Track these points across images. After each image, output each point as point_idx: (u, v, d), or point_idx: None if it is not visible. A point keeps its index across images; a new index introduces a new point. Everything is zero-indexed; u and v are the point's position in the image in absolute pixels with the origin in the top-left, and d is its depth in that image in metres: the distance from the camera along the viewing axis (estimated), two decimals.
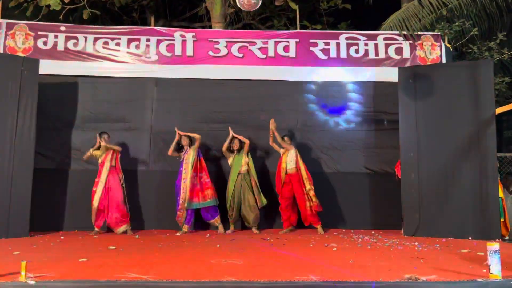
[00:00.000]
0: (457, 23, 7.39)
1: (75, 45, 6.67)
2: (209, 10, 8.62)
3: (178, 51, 6.80)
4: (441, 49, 6.92)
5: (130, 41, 6.76)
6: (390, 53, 6.92)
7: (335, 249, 4.75)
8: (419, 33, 7.01)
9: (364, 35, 7.00)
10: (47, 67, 6.31)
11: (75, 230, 6.09)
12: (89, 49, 6.68)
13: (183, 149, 6.24)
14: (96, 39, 6.72)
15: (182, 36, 6.87)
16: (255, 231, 6.09)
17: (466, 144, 5.78)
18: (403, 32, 6.99)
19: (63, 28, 6.74)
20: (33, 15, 7.84)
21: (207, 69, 6.78)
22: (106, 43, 6.73)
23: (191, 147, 6.18)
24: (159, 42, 6.79)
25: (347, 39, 6.97)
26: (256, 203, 6.12)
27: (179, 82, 6.73)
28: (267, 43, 6.90)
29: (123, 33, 6.83)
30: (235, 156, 6.30)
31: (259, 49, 6.88)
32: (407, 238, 5.58)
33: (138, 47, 6.76)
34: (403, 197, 5.91)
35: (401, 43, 6.95)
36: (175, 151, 6.22)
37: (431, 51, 6.93)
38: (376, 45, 6.94)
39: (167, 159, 6.52)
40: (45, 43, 6.62)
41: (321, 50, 6.91)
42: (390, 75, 6.59)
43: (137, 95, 6.68)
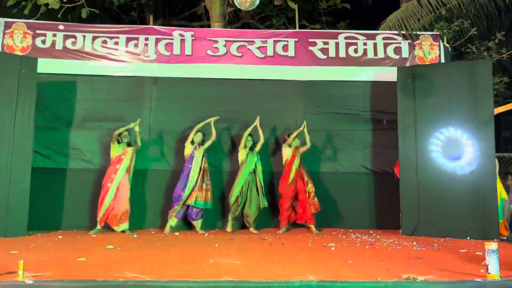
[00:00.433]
0: (456, 23, 7.39)
1: (74, 43, 6.65)
2: (208, 9, 8.61)
3: (177, 50, 6.79)
4: (440, 49, 6.92)
5: (128, 40, 6.74)
6: (389, 53, 6.92)
7: (333, 248, 4.76)
8: (418, 32, 7.01)
9: (363, 35, 7.00)
10: (45, 66, 6.28)
11: (73, 229, 6.07)
12: (88, 48, 6.66)
13: (193, 144, 6.15)
14: (94, 38, 6.70)
15: (181, 35, 6.85)
16: (254, 230, 6.09)
17: (464, 143, 5.78)
18: (402, 32, 6.99)
19: (61, 26, 6.71)
20: (31, 14, 7.81)
21: (205, 68, 6.77)
22: (104, 42, 6.71)
23: (202, 146, 6.15)
24: (157, 41, 6.78)
25: (346, 38, 6.97)
26: (259, 204, 6.13)
27: (177, 81, 6.71)
28: (266, 42, 6.89)
29: (122, 32, 6.81)
30: (248, 153, 6.24)
31: (258, 48, 6.87)
32: (405, 237, 5.60)
33: (136, 46, 6.74)
34: (402, 197, 5.93)
35: (400, 43, 6.95)
36: (190, 143, 6.13)
37: (430, 51, 6.93)
38: (375, 45, 6.93)
39: (166, 158, 6.52)
40: (44, 42, 6.60)
41: (320, 49, 6.91)
42: (389, 74, 6.60)
43: (136, 94, 6.65)
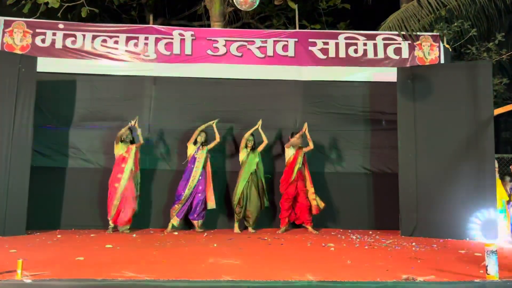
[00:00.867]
0: (456, 24, 7.39)
1: (73, 42, 6.64)
2: (208, 8, 8.61)
3: (176, 50, 6.78)
4: (440, 50, 6.92)
5: (128, 39, 6.74)
6: (389, 53, 6.92)
7: (332, 249, 4.76)
8: (418, 33, 7.01)
9: (363, 35, 6.99)
10: (45, 65, 6.27)
11: (72, 228, 6.06)
12: (88, 47, 6.65)
13: (196, 144, 6.12)
14: (94, 37, 6.69)
15: (180, 34, 6.85)
16: (252, 230, 6.08)
17: (464, 144, 5.80)
18: (402, 32, 6.99)
19: (61, 25, 6.71)
20: (31, 13, 7.80)
21: (205, 68, 6.76)
22: (104, 41, 6.70)
23: (205, 146, 6.13)
24: (157, 40, 6.77)
25: (346, 39, 6.97)
26: (260, 204, 6.12)
27: (177, 80, 6.70)
28: (266, 42, 6.89)
29: (122, 31, 6.80)
30: (249, 154, 6.19)
31: (258, 48, 6.87)
32: (404, 238, 5.59)
33: (136, 45, 6.74)
34: (401, 198, 5.92)
35: (400, 44, 6.95)
36: (193, 143, 6.09)
37: (430, 51, 6.93)
38: (375, 45, 6.93)
39: (165, 158, 6.51)
40: (43, 41, 6.59)
41: (320, 49, 6.91)
42: (388, 75, 6.59)
43: (135, 93, 6.64)
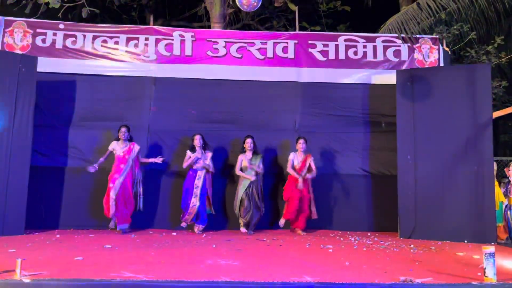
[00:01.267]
0: (455, 27, 7.42)
1: (74, 43, 6.65)
2: (208, 10, 8.64)
3: (177, 51, 6.80)
4: (439, 52, 6.94)
5: (129, 40, 6.75)
6: (388, 56, 6.94)
7: (331, 250, 4.76)
8: (418, 36, 7.02)
9: (362, 37, 7.01)
10: (45, 65, 6.28)
11: (71, 228, 6.06)
12: (88, 48, 6.66)
13: (194, 150, 6.03)
14: (94, 38, 6.70)
15: (181, 35, 6.86)
16: (251, 232, 6.04)
17: (463, 147, 5.80)
18: (402, 35, 7.00)
19: (61, 26, 6.71)
20: (31, 13, 7.81)
21: (205, 69, 6.77)
22: (104, 42, 6.72)
23: (209, 154, 6.04)
24: (158, 41, 6.78)
25: (346, 41, 6.98)
26: (261, 209, 6.11)
27: (177, 81, 6.71)
28: (266, 44, 6.90)
29: (122, 32, 6.81)
30: (250, 159, 6.15)
31: (258, 49, 6.88)
32: (403, 240, 5.60)
33: (136, 46, 6.75)
34: (400, 200, 5.93)
35: (400, 46, 6.96)
36: (189, 150, 6.04)
37: (429, 54, 6.94)
38: (374, 48, 6.95)
39: (164, 159, 6.50)
40: (44, 41, 6.60)
41: (319, 51, 6.92)
42: (388, 77, 6.63)
43: (135, 94, 6.65)
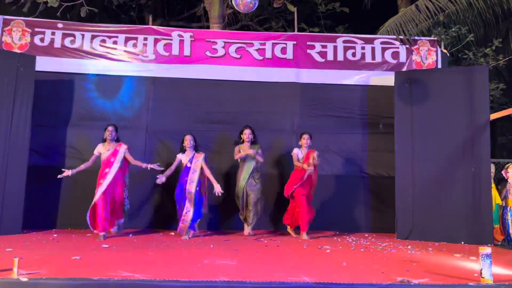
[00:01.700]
0: (453, 29, 7.45)
1: (72, 42, 6.64)
2: (207, 10, 8.64)
3: (175, 51, 6.80)
4: (437, 54, 6.96)
5: (127, 40, 6.74)
6: (386, 57, 6.96)
7: (328, 251, 4.77)
8: (416, 38, 7.05)
9: (361, 39, 7.03)
10: (44, 64, 6.28)
11: (68, 228, 6.06)
12: (86, 47, 6.66)
13: (184, 151, 5.74)
14: (93, 37, 6.69)
15: (179, 35, 6.86)
16: (250, 231, 5.95)
17: (460, 149, 5.83)
18: (400, 36, 7.02)
19: (60, 25, 6.71)
20: (30, 12, 7.80)
21: (204, 69, 6.77)
22: (103, 41, 6.71)
23: (200, 155, 5.72)
24: (156, 41, 6.78)
25: (344, 42, 7.00)
26: (263, 202, 5.98)
27: (176, 81, 6.71)
28: (264, 44, 6.90)
29: (121, 32, 6.81)
30: (249, 148, 5.87)
31: (257, 50, 6.89)
32: (400, 241, 5.61)
33: (135, 45, 6.74)
34: (397, 201, 5.94)
35: (398, 48, 6.98)
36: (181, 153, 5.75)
37: (427, 56, 6.97)
38: (373, 49, 6.97)
39: (162, 159, 6.50)
40: (42, 40, 6.59)
41: (318, 52, 6.94)
42: (386, 79, 6.64)
43: (134, 94, 6.65)
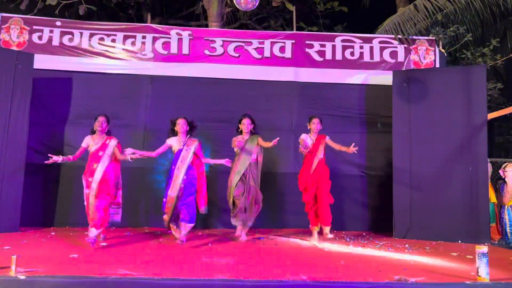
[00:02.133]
0: (451, 29, 7.46)
1: (71, 40, 6.63)
2: (206, 9, 8.64)
3: (174, 49, 6.79)
4: (435, 54, 6.98)
5: (126, 38, 6.74)
6: (385, 57, 6.97)
7: (326, 249, 4.78)
8: (414, 37, 7.06)
9: (359, 38, 7.04)
10: (42, 62, 6.27)
11: (66, 226, 6.05)
12: (85, 45, 6.65)
13: (175, 134, 5.20)
14: (91, 35, 6.69)
15: (178, 34, 6.86)
16: (244, 236, 5.25)
17: (457, 148, 5.84)
18: (398, 36, 7.03)
19: (58, 23, 6.69)
20: (28, 10, 7.79)
21: (202, 68, 6.77)
22: (101, 39, 6.70)
23: (193, 141, 5.14)
24: (155, 39, 6.77)
25: (343, 41, 7.01)
26: (260, 200, 5.34)
27: (174, 80, 6.71)
28: (263, 43, 6.91)
29: (119, 30, 6.80)
30: (246, 141, 5.28)
31: (255, 49, 6.89)
32: (397, 240, 5.63)
33: (134, 44, 6.74)
34: (395, 200, 5.96)
35: (396, 47, 6.99)
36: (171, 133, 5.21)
37: (426, 55, 6.98)
38: (371, 48, 6.98)
39: (161, 157, 6.47)
40: (40, 38, 6.57)
41: (316, 51, 6.95)
42: (384, 78, 6.65)
43: (132, 92, 6.64)
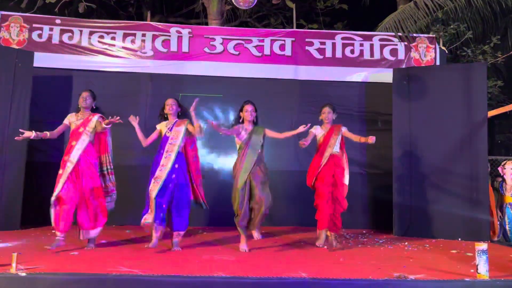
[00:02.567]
0: (452, 26, 7.45)
1: (70, 38, 6.62)
2: (205, 6, 8.62)
3: (173, 47, 6.79)
4: (436, 52, 6.97)
5: (125, 36, 6.73)
6: (385, 54, 6.96)
7: (326, 247, 4.78)
8: (415, 35, 7.05)
9: (359, 36, 7.03)
10: (42, 60, 6.26)
11: None
12: (84, 43, 6.64)
13: (166, 118, 4.78)
14: (91, 33, 6.68)
15: (178, 32, 6.85)
16: (257, 235, 5.08)
17: (458, 146, 5.84)
18: (399, 33, 7.02)
19: (58, 21, 6.68)
20: (28, 8, 7.78)
21: (202, 66, 6.77)
22: (101, 37, 6.70)
23: (183, 121, 4.60)
24: (154, 37, 6.77)
25: (343, 39, 7.00)
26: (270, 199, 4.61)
27: (174, 78, 6.71)
28: (263, 41, 6.90)
29: (119, 28, 6.79)
30: (251, 134, 4.56)
31: (255, 47, 6.88)
32: (397, 238, 5.63)
33: (133, 42, 6.73)
34: (395, 198, 5.96)
35: (397, 45, 6.98)
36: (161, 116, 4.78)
37: (426, 53, 6.97)
38: (371, 46, 6.97)
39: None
40: (40, 36, 6.57)
41: (316, 49, 6.94)
42: (384, 76, 6.64)
43: (132, 90, 6.64)
